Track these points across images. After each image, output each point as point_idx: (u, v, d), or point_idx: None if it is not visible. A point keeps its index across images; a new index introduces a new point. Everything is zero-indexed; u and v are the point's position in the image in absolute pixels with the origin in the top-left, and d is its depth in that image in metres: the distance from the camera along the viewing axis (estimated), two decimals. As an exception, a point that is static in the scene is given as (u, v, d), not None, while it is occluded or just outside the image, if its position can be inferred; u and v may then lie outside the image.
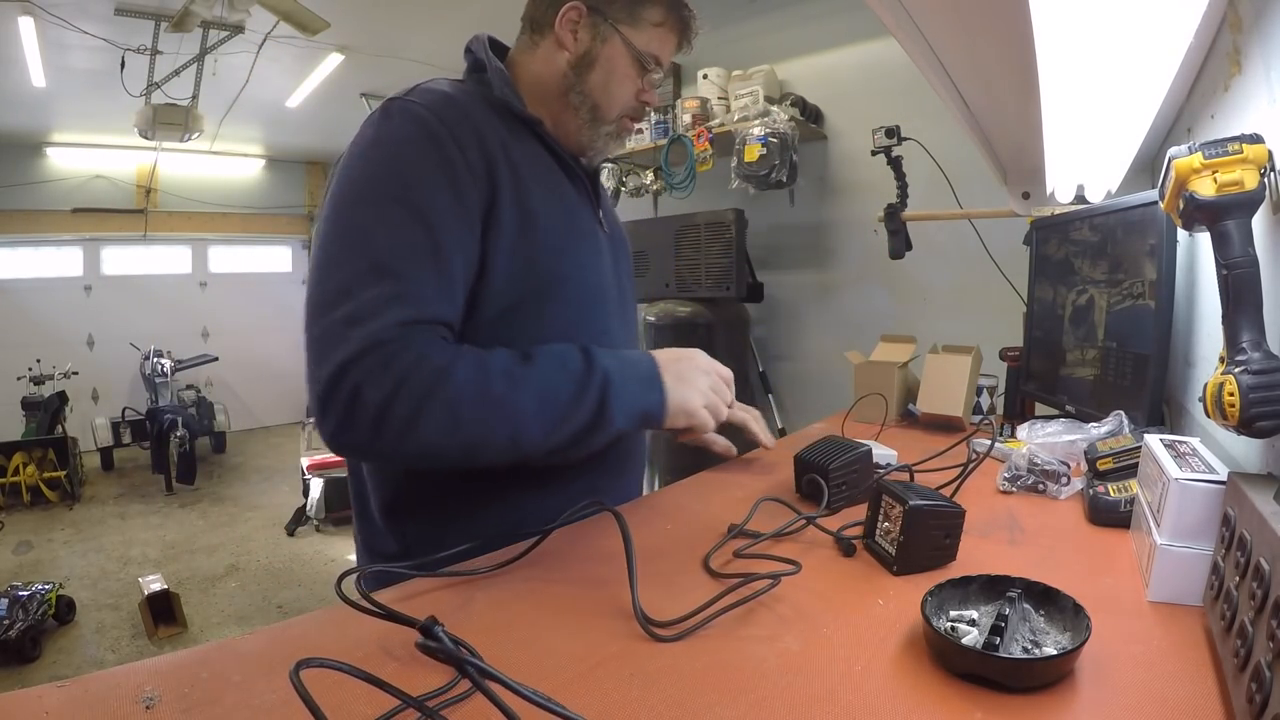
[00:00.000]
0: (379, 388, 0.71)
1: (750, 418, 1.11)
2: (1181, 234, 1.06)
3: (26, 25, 3.47)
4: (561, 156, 0.94)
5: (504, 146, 0.84)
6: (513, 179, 0.84)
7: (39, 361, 5.35)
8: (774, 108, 2.58)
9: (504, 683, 0.38)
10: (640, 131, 3.01)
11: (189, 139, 4.31)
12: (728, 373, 0.94)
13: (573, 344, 0.83)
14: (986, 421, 1.31)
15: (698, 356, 0.91)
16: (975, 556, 0.75)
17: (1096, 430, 1.05)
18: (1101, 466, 0.91)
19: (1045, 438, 1.10)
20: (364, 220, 0.76)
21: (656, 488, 1.85)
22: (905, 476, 0.97)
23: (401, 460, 0.83)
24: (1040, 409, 1.57)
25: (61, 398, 5.23)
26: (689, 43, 0.97)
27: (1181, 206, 0.67)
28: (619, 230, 1.09)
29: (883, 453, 1.15)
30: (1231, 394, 0.59)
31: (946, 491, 0.82)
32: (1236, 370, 0.59)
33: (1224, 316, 0.64)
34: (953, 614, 0.59)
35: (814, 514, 0.85)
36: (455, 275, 0.79)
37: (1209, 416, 0.63)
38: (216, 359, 6.29)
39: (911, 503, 0.70)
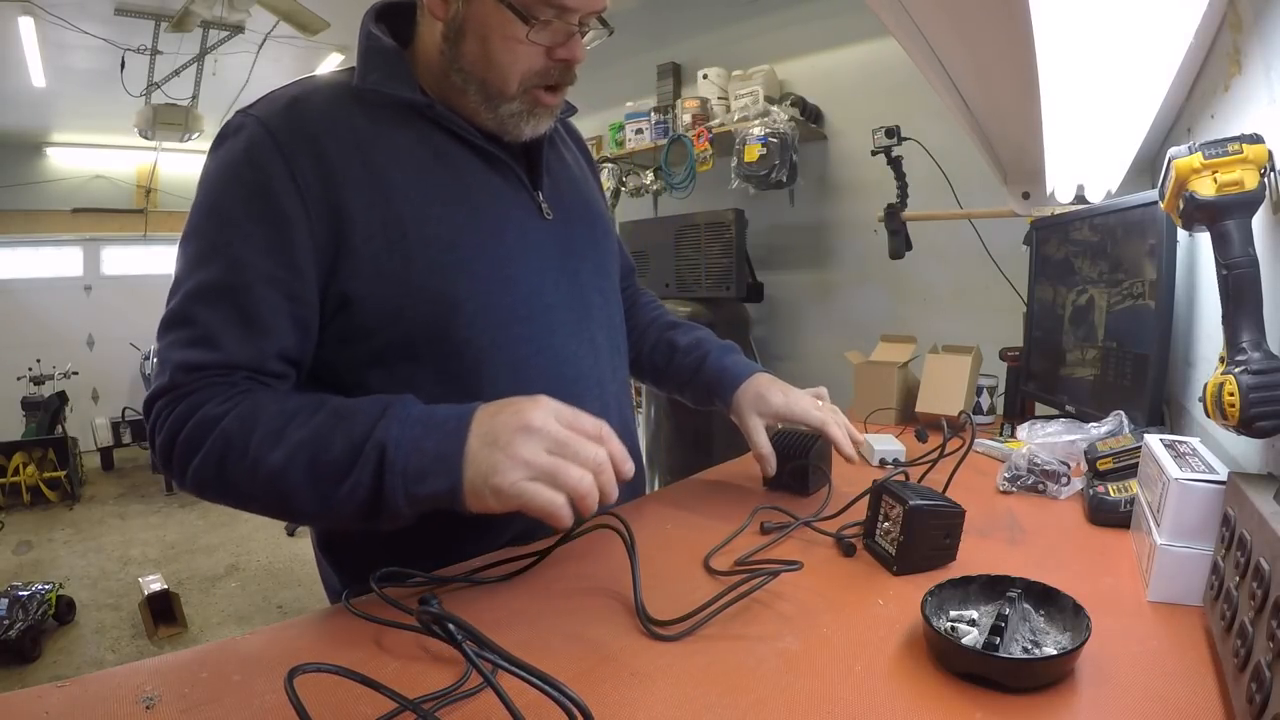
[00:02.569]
0: (160, 433, 0.67)
1: (832, 420, 0.93)
2: (1181, 234, 1.06)
3: (26, 25, 3.47)
4: (469, 139, 0.78)
5: (363, 147, 0.72)
6: (370, 187, 0.71)
7: (39, 361, 5.35)
8: (774, 108, 2.58)
9: (494, 650, 0.38)
10: (641, 132, 3.01)
11: (189, 139, 4.32)
12: (589, 424, 0.64)
13: (384, 397, 0.66)
14: (966, 417, 1.31)
15: (527, 410, 0.62)
16: (975, 556, 0.74)
17: (1096, 430, 1.05)
18: (1101, 466, 0.92)
19: (1045, 438, 1.10)
20: (182, 257, 0.71)
21: (656, 488, 1.85)
22: (903, 476, 0.97)
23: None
24: (1040, 409, 1.57)
25: (61, 398, 5.23)
26: None
27: (1181, 206, 0.67)
28: (586, 206, 0.91)
29: (891, 448, 1.15)
30: (1231, 394, 0.59)
31: (937, 483, 0.82)
32: (1236, 370, 0.59)
33: (1224, 316, 0.64)
34: (953, 614, 0.59)
35: (812, 516, 0.86)
36: (262, 315, 0.68)
37: (1209, 416, 0.63)
38: (216, 359, 6.28)
39: (911, 503, 0.70)
